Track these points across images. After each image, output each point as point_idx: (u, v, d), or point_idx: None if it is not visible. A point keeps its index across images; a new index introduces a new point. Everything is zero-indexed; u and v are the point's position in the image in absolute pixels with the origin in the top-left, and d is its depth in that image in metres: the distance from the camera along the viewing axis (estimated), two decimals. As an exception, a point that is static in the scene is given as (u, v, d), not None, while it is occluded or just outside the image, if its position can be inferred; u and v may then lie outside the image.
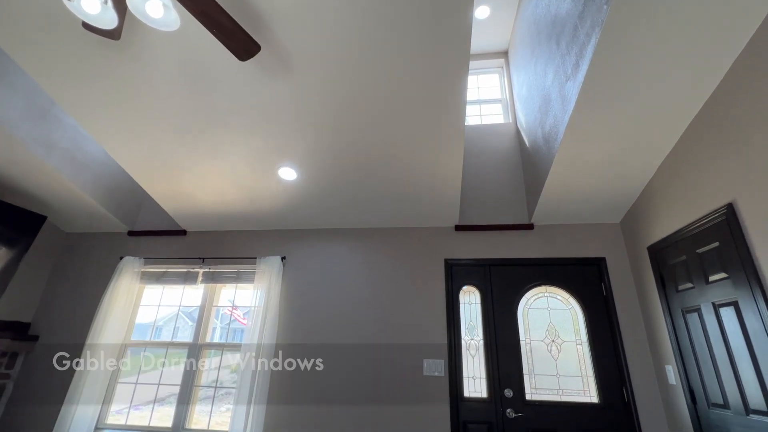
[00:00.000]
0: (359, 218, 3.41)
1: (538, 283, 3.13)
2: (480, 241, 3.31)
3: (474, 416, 2.82)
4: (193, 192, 3.23)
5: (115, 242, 3.80)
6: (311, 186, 3.08)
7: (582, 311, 3.02)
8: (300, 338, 3.17)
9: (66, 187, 3.19)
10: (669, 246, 2.53)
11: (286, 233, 3.59)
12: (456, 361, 2.96)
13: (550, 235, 3.26)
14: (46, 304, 3.60)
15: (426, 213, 3.28)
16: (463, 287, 3.20)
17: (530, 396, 2.84)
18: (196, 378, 3.26)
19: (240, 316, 3.56)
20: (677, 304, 2.47)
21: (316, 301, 3.29)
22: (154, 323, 3.59)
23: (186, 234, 3.74)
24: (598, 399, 2.78)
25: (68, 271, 3.73)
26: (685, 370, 2.41)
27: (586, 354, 2.91)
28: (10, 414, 3.23)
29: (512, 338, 2.99)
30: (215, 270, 3.51)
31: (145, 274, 3.57)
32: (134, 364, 3.47)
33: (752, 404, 1.92)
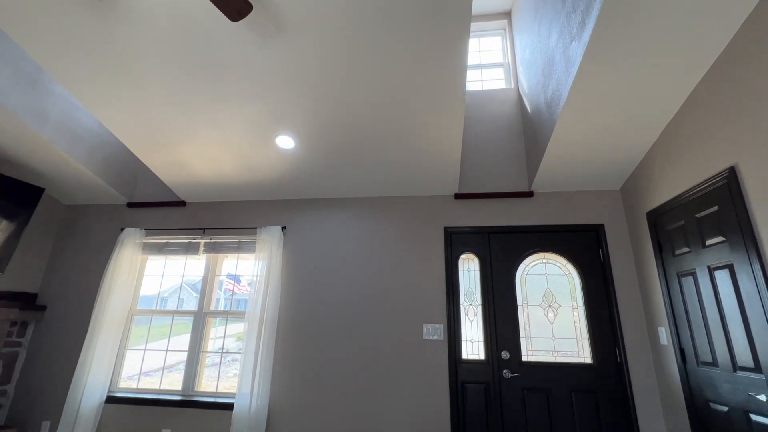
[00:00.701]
0: (359, 187, 3.40)
1: (536, 250, 3.17)
2: (479, 209, 3.31)
3: (472, 377, 2.93)
4: (190, 162, 3.20)
5: (115, 214, 3.81)
6: (310, 155, 3.04)
7: (579, 277, 3.07)
8: (302, 305, 3.25)
9: (62, 158, 3.16)
10: (668, 211, 2.54)
11: (286, 203, 3.59)
12: (455, 326, 3.04)
13: (550, 202, 3.26)
14: (50, 275, 3.66)
15: (426, 181, 3.27)
16: (463, 254, 3.24)
17: (526, 358, 2.94)
18: (203, 344, 3.37)
19: (244, 285, 3.62)
20: (673, 269, 2.51)
21: (317, 269, 3.34)
22: (159, 295, 3.65)
23: (185, 205, 3.74)
24: (591, 360, 2.88)
25: (70, 243, 3.76)
26: (677, 331, 2.48)
27: (582, 318, 2.99)
28: (26, 379, 3.36)
29: (510, 303, 3.06)
30: (216, 240, 3.54)
31: (146, 245, 3.60)
32: (141, 334, 3.57)
33: (740, 362, 2.00)
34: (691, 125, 2.29)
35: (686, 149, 2.35)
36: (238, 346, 3.28)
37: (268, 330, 3.09)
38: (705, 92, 2.16)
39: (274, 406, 3.01)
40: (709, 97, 2.13)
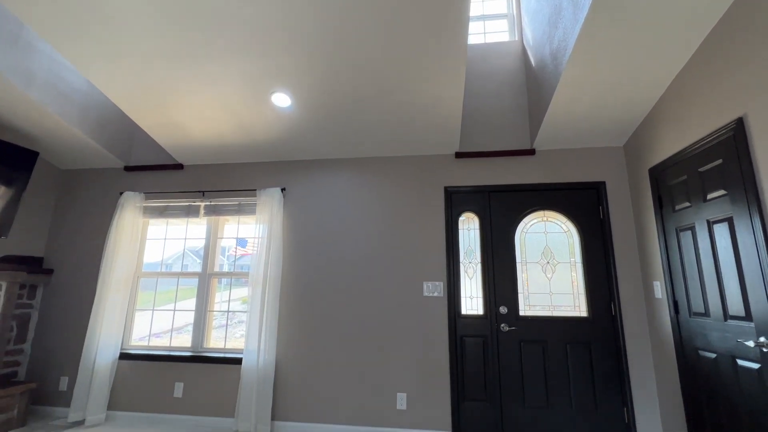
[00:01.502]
0: (358, 147, 3.34)
1: (536, 209, 3.17)
2: (480, 168, 3.28)
3: (470, 331, 3.03)
4: (185, 123, 3.13)
5: (112, 178, 3.78)
6: (307, 114, 2.97)
7: (578, 234, 3.09)
8: (304, 265, 3.30)
9: (53, 121, 3.08)
10: (671, 167, 2.52)
11: (284, 164, 3.55)
12: (454, 283, 3.11)
13: (552, 160, 3.22)
14: (54, 239, 3.69)
15: (426, 140, 3.21)
16: (463, 214, 3.25)
17: (523, 312, 3.03)
18: (209, 304, 3.46)
19: (248, 247, 3.66)
20: (672, 224, 2.53)
21: (317, 229, 3.36)
22: (162, 262, 3.69)
23: (183, 168, 3.70)
24: (587, 313, 2.97)
25: (70, 207, 3.76)
26: (672, 285, 2.54)
27: (579, 274, 3.04)
28: (40, 338, 3.48)
29: (509, 261, 3.11)
30: (216, 203, 3.53)
31: (147, 209, 3.60)
32: (148, 299, 3.66)
33: (731, 311, 2.05)
34: (700, 77, 2.21)
35: (693, 103, 2.28)
36: (244, 308, 3.37)
37: (272, 290, 3.16)
38: (715, 42, 2.06)
39: (280, 361, 3.14)
40: (719, 47, 2.04)
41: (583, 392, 2.83)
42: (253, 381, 2.98)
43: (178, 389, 3.22)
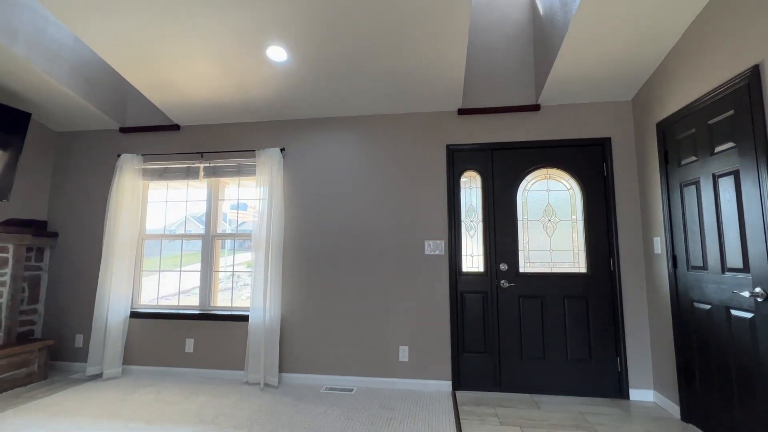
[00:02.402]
0: (357, 105, 3.25)
1: (539, 166, 3.13)
2: (483, 125, 3.20)
3: (471, 288, 3.10)
4: (178, 80, 3.02)
5: (108, 140, 3.72)
6: (304, 69, 2.85)
7: (581, 192, 3.07)
8: (305, 226, 3.32)
9: (41, 79, 2.98)
10: (679, 120, 2.45)
11: (283, 124, 3.47)
12: (455, 242, 3.13)
13: (557, 116, 3.14)
14: (55, 203, 3.70)
15: (428, 96, 3.11)
16: (465, 172, 3.21)
17: (523, 269, 3.08)
18: (214, 264, 3.52)
19: (249, 210, 3.66)
20: (676, 179, 2.50)
21: (318, 190, 3.35)
22: (165, 228, 3.70)
23: (180, 129, 3.62)
24: (586, 270, 3.01)
25: (69, 170, 3.73)
26: (672, 240, 2.55)
27: (580, 231, 3.06)
28: (52, 298, 3.59)
29: (510, 219, 3.12)
30: (215, 164, 3.49)
31: (146, 171, 3.57)
32: (154, 265, 3.71)
33: (729, 264, 2.08)
34: (715, 25, 2.10)
35: (707, 52, 2.18)
36: (248, 272, 3.43)
37: (275, 250, 3.20)
38: (741, -22, 1.93)
39: (286, 317, 3.24)
40: (744, -16, 1.91)
41: (579, 344, 2.94)
42: (260, 336, 3.09)
43: (189, 345, 3.35)
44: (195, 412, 2.57)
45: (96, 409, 2.62)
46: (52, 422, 2.40)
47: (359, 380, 3.10)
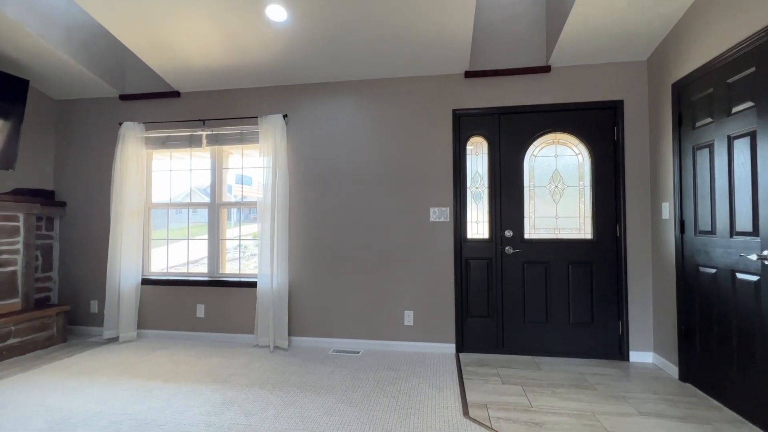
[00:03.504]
0: (361, 69, 3.15)
1: (548, 131, 3.06)
2: (491, 89, 3.11)
3: (475, 254, 3.12)
4: (176, 43, 2.93)
5: (109, 108, 3.67)
6: (305, 31, 2.74)
7: (590, 157, 3.01)
8: (310, 193, 3.31)
9: (36, 43, 2.91)
10: (696, 80, 2.35)
11: (285, 89, 3.39)
12: (461, 208, 3.12)
13: (567, 78, 3.02)
14: (61, 172, 3.71)
15: (434, 58, 3.00)
16: (471, 138, 3.15)
17: (528, 236, 3.08)
18: (221, 232, 3.56)
19: (254, 184, 3.65)
20: (689, 142, 2.43)
21: (321, 156, 3.31)
22: (170, 200, 3.71)
23: (180, 96, 3.56)
24: (592, 236, 3.01)
25: (71, 139, 3.72)
26: (681, 205, 2.52)
27: (587, 197, 3.03)
28: (65, 266, 3.68)
29: (516, 185, 3.08)
30: (218, 132, 3.45)
31: (148, 140, 3.54)
32: (162, 236, 3.75)
33: (739, 227, 2.06)
34: (747, -32, 1.96)
35: (727, 6, 2.07)
36: (255, 243, 3.47)
37: (281, 217, 3.21)
38: None
39: (293, 283, 3.31)
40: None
41: (581, 308, 2.98)
42: (268, 302, 3.17)
43: (200, 310, 3.45)
44: (208, 372, 2.69)
45: (115, 369, 2.74)
46: (74, 380, 2.53)
47: (365, 343, 3.19)
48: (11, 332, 2.98)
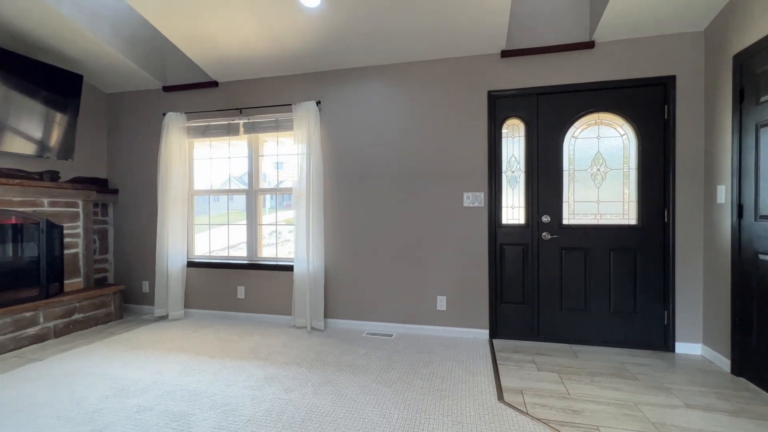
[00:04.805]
0: (393, 52, 3.11)
1: (590, 111, 2.90)
2: (529, 68, 2.98)
3: (510, 240, 3.05)
4: (214, 34, 3.01)
5: (154, 99, 3.85)
6: (338, 16, 2.73)
7: (636, 138, 2.84)
8: (344, 179, 3.36)
9: (88, 39, 3.08)
10: (762, 50, 2.14)
11: (318, 76, 3.42)
12: (496, 193, 3.06)
13: (613, 53, 2.84)
14: (113, 161, 3.97)
15: (469, 38, 2.90)
16: (507, 120, 3.05)
17: (567, 221, 2.97)
18: (258, 218, 3.69)
19: (286, 168, 3.73)
20: (752, 119, 2.23)
21: (354, 142, 3.33)
22: (211, 187, 3.88)
23: (218, 85, 3.67)
24: (636, 221, 2.86)
25: (121, 130, 3.95)
26: (740, 188, 2.33)
27: (632, 180, 2.87)
28: (119, 249, 3.96)
29: (555, 169, 2.97)
30: (254, 120, 3.54)
31: (190, 129, 3.70)
32: (204, 222, 3.94)
33: (808, 212, 1.88)
34: None
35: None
36: (291, 228, 3.58)
37: (316, 203, 3.28)
38: None
39: (329, 266, 3.39)
40: None
41: (623, 297, 2.86)
42: (305, 285, 3.28)
43: (241, 292, 3.63)
44: (250, 349, 2.83)
45: (166, 344, 2.96)
46: (132, 354, 2.75)
47: (398, 327, 3.24)
48: (76, 308, 3.27)
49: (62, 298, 3.16)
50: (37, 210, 3.17)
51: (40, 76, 3.12)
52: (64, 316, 3.17)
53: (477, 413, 1.93)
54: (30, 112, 3.09)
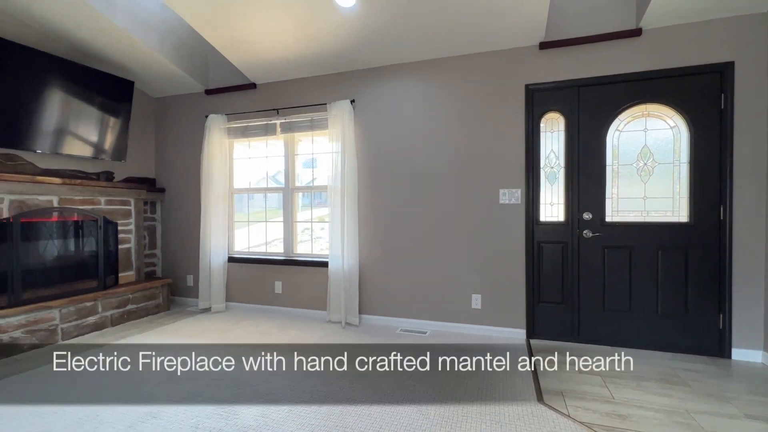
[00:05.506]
0: (427, 48, 3.09)
1: (636, 102, 2.76)
2: (569, 59, 2.87)
3: (549, 237, 2.96)
4: (252, 37, 3.12)
5: (197, 102, 4.05)
6: (372, 14, 2.75)
7: (688, 130, 2.67)
8: (378, 176, 3.38)
9: (140, 48, 3.28)
10: (839, 30, 1.94)
11: (352, 74, 3.46)
12: (533, 190, 2.97)
13: (663, 40, 2.68)
14: (160, 162, 4.21)
15: (506, 30, 2.83)
16: (546, 114, 2.96)
17: (610, 218, 2.85)
18: (294, 215, 3.80)
19: (319, 165, 3.81)
20: (825, 107, 2.04)
21: (388, 139, 3.35)
22: (249, 186, 4.03)
23: (256, 87, 3.80)
24: (687, 219, 2.69)
25: (167, 132, 4.18)
26: (809, 182, 2.14)
27: (683, 175, 2.70)
28: (167, 245, 4.21)
29: (597, 164, 2.85)
30: (290, 120, 3.64)
31: (230, 130, 3.85)
32: (243, 219, 4.10)
33: None
34: None
35: None
36: (324, 226, 3.66)
37: (350, 200, 3.33)
38: None
39: (363, 263, 3.43)
40: None
41: (672, 298, 2.71)
42: (339, 281, 3.34)
43: (278, 287, 3.75)
44: (288, 342, 2.93)
45: (211, 334, 3.12)
46: (180, 342, 2.92)
47: (432, 324, 3.24)
48: (129, 299, 3.50)
49: (117, 289, 3.40)
50: (95, 208, 3.42)
51: (96, 83, 3.36)
52: (119, 307, 3.41)
53: (516, 413, 1.90)
54: (87, 117, 3.33)
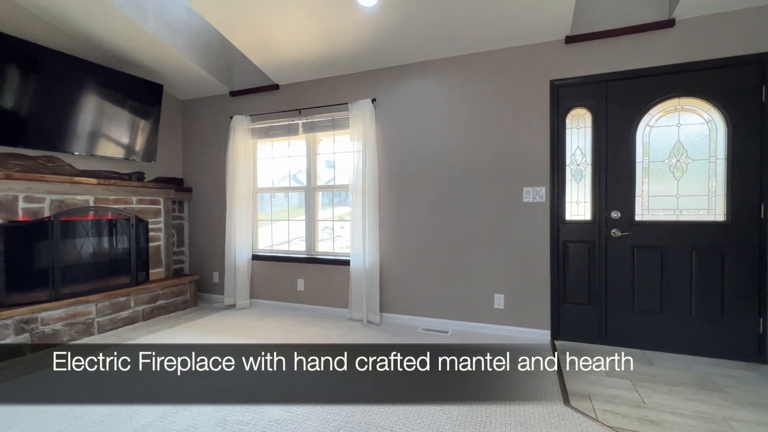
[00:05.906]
0: (449, 45, 3.06)
1: (668, 96, 2.65)
2: (597, 53, 2.78)
3: (575, 237, 2.89)
4: (275, 38, 3.17)
5: (222, 104, 4.15)
6: (394, 12, 2.75)
7: (725, 124, 2.55)
8: (399, 175, 3.38)
9: (167, 52, 3.39)
10: None
11: (373, 73, 3.47)
12: (559, 188, 2.91)
13: (697, 31, 2.56)
14: (187, 162, 4.35)
15: (530, 26, 2.78)
16: (572, 110, 2.88)
17: (640, 217, 2.75)
18: (315, 213, 3.85)
19: (339, 165, 3.84)
20: None
21: (410, 137, 3.34)
22: (272, 185, 4.10)
23: (279, 88, 3.87)
24: (724, 217, 2.57)
25: (194, 133, 4.31)
26: None
27: (720, 172, 2.58)
28: (194, 243, 4.34)
29: (626, 161, 2.75)
30: (312, 120, 3.68)
31: (254, 131, 3.93)
32: (266, 217, 4.18)
33: None
34: None
35: None
36: (346, 224, 3.68)
37: (371, 199, 3.34)
38: None
39: (384, 262, 3.44)
40: None
41: (707, 300, 2.59)
42: (361, 279, 3.36)
43: (300, 284, 3.81)
44: (311, 339, 2.97)
45: (235, 330, 3.20)
46: (207, 337, 3.01)
47: (454, 323, 3.21)
48: (159, 295, 3.64)
49: (148, 285, 3.54)
50: (127, 207, 3.56)
51: (127, 87, 3.49)
52: (150, 302, 3.55)
53: (542, 416, 1.86)
54: (119, 119, 3.47)
